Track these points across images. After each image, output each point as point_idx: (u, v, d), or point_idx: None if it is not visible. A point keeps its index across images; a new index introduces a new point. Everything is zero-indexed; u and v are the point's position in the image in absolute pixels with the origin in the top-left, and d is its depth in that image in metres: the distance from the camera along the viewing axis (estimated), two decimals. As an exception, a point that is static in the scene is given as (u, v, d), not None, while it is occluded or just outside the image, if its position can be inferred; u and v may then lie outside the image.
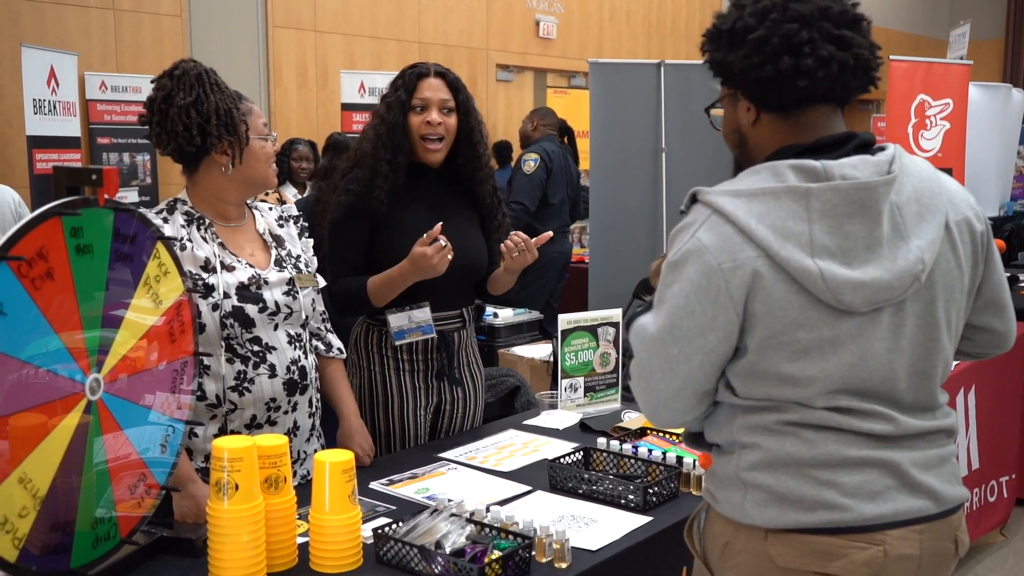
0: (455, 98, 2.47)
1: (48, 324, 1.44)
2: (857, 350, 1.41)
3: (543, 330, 5.08)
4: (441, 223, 2.29)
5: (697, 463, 2.09)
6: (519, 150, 6.44)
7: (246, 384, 2.06)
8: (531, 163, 5.74)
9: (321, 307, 2.34)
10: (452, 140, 2.49)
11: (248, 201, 2.23)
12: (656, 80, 6.07)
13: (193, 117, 1.99)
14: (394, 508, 1.99)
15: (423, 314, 2.46)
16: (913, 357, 1.46)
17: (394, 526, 1.75)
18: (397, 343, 2.45)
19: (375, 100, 8.34)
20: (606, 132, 6.00)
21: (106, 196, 1.58)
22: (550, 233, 2.49)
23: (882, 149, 1.46)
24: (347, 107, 7.19)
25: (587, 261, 6.25)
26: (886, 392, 1.45)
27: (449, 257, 2.28)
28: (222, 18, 6.84)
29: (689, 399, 1.48)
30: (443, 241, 2.26)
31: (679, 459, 2.12)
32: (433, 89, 2.45)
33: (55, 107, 5.55)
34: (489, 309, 4.89)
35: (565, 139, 6.41)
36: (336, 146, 4.68)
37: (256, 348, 2.08)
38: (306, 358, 2.18)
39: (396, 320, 2.44)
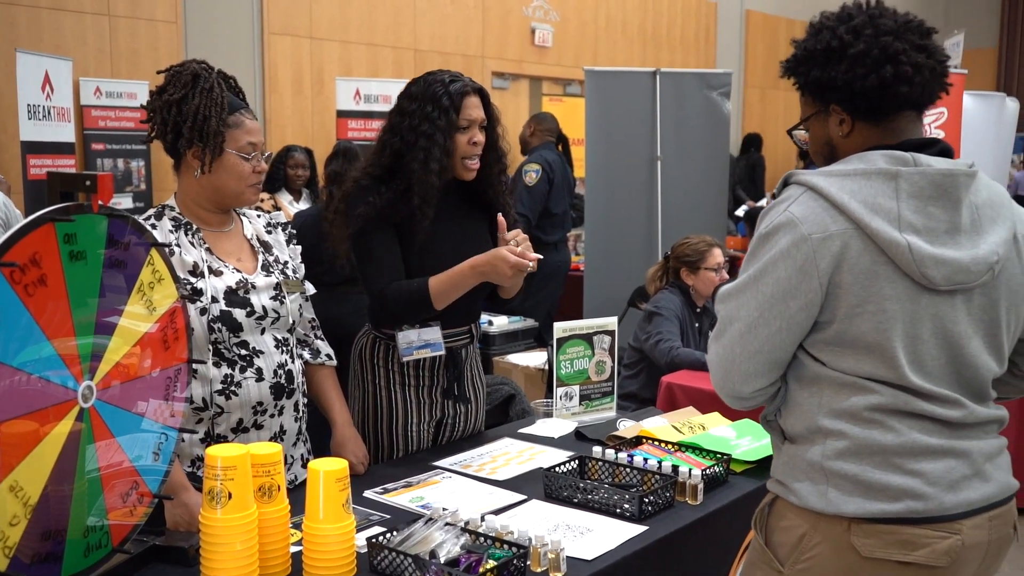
0: (486, 113, 2.43)
1: (41, 331, 1.43)
2: (935, 328, 1.50)
3: (540, 338, 5.08)
4: (541, 256, 2.27)
5: (692, 471, 2.09)
6: (517, 156, 6.42)
7: (233, 388, 2.06)
8: (533, 174, 5.70)
9: (310, 314, 2.33)
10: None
11: (237, 208, 2.22)
12: (651, 88, 6.08)
13: (172, 114, 2.03)
14: (388, 517, 1.98)
15: (433, 333, 2.40)
16: (975, 347, 1.54)
17: (388, 535, 1.74)
18: (405, 359, 2.40)
19: (371, 107, 8.29)
20: (601, 140, 6.00)
21: (100, 202, 1.57)
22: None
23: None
24: (343, 114, 7.18)
25: (582, 269, 6.25)
26: (953, 375, 1.53)
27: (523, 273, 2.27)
28: (218, 24, 6.84)
29: (762, 364, 1.56)
30: (532, 266, 2.24)
31: (675, 468, 2.11)
32: (476, 108, 2.38)
33: (49, 113, 5.53)
34: (484, 316, 4.87)
35: (560, 147, 6.40)
36: (346, 153, 4.66)
37: (243, 352, 2.08)
38: (293, 362, 2.18)
39: (405, 337, 2.38)
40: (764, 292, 1.52)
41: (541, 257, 2.29)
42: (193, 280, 2.03)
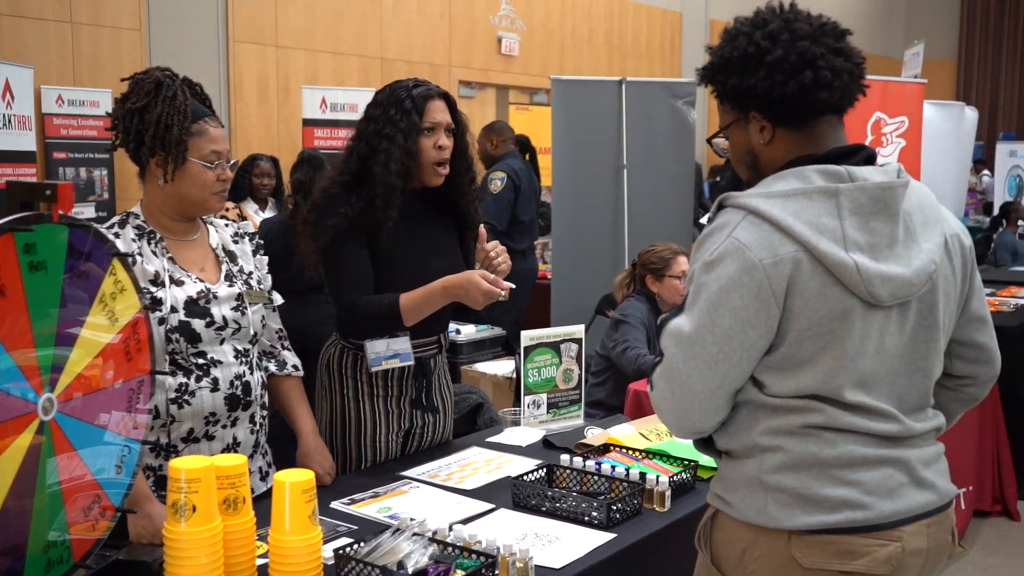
0: (453, 119, 2.43)
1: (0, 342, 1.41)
2: (878, 342, 1.49)
3: (507, 346, 5.07)
4: (513, 285, 2.27)
5: (660, 478, 2.09)
6: (481, 170, 6.42)
7: (187, 397, 2.05)
8: (498, 182, 5.70)
9: (276, 324, 2.31)
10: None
11: (204, 217, 2.20)
12: (617, 97, 6.11)
13: (135, 123, 2.02)
14: (356, 528, 1.97)
15: (402, 343, 2.39)
16: (915, 355, 1.54)
17: (356, 546, 1.73)
18: (373, 370, 2.38)
19: (336, 115, 8.26)
20: (568, 148, 6.02)
21: (61, 212, 1.55)
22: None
23: (884, 164, 1.57)
24: (309, 123, 7.15)
25: (549, 277, 6.26)
26: (891, 388, 1.53)
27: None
28: (182, 32, 6.78)
29: (722, 398, 1.52)
30: (504, 295, 2.24)
31: (642, 475, 2.12)
32: (440, 111, 2.38)
33: (10, 121, 5.45)
34: (452, 325, 4.86)
35: (527, 155, 6.41)
36: (311, 160, 4.63)
37: (200, 362, 2.07)
38: (251, 374, 2.16)
39: (373, 347, 2.37)
40: (722, 325, 1.47)
41: (513, 287, 2.28)
42: (154, 290, 2.01)
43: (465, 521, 1.98)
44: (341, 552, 1.70)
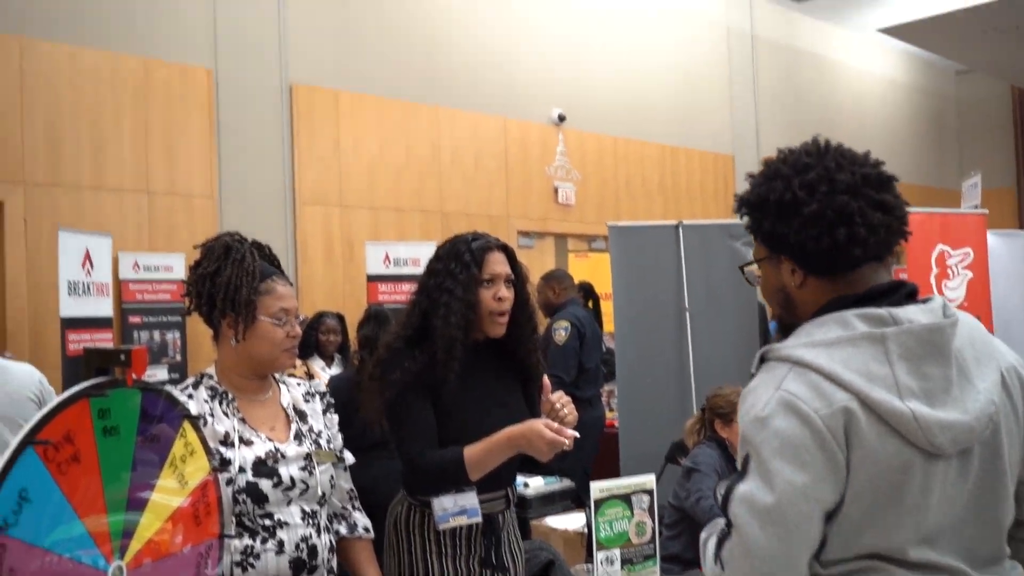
0: (513, 270, 2.46)
1: (72, 509, 1.42)
2: (942, 494, 1.39)
3: (577, 499, 4.95)
4: (577, 434, 2.23)
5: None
6: (541, 320, 6.47)
7: (251, 559, 2.02)
8: (562, 332, 5.70)
9: (348, 484, 2.29)
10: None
11: (276, 375, 2.23)
12: (675, 240, 6.16)
13: (207, 287, 2.09)
14: None
15: (470, 499, 2.34)
16: (982, 504, 1.43)
17: None
18: (441, 527, 2.33)
19: (400, 270, 8.44)
20: (629, 294, 6.04)
21: (134, 376, 1.58)
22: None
23: (927, 300, 1.49)
24: (373, 278, 7.31)
25: (616, 425, 6.16)
26: (959, 542, 1.41)
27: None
28: (252, 197, 7.09)
29: (804, 565, 1.40)
30: (568, 444, 2.20)
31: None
32: (499, 263, 2.41)
33: (89, 288, 5.68)
34: (520, 478, 4.77)
35: (590, 302, 6.42)
36: (377, 316, 4.71)
37: (267, 523, 2.05)
38: (319, 536, 2.13)
39: (441, 503, 2.32)
40: (796, 485, 1.36)
41: (578, 435, 2.24)
42: (223, 450, 2.02)
43: None
44: None
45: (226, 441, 2.04)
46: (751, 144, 11.50)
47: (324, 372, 5.89)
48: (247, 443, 2.07)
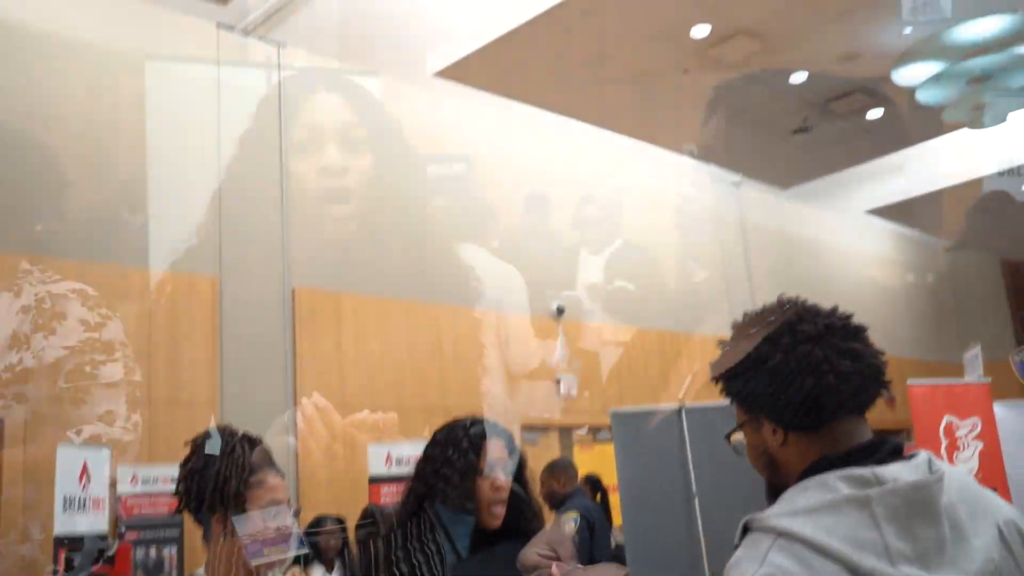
0: (510, 456, 2.42)
1: None
2: None
3: None
4: None
5: None
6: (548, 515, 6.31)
7: None
8: (571, 523, 5.57)
9: None
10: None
11: (270, 578, 2.15)
12: (678, 424, 6.10)
13: (195, 482, 2.05)
14: None
15: None
16: None
17: None
18: None
19: (402, 470, 8.28)
20: (634, 481, 5.91)
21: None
22: None
23: (911, 456, 1.45)
24: (375, 480, 7.17)
25: (632, 620, 5.88)
26: None
27: None
28: (251, 398, 7.07)
29: None
30: None
31: None
32: (498, 450, 2.39)
33: (84, 504, 5.55)
34: None
35: (598, 496, 6.29)
36: (374, 516, 4.61)
37: None
38: None
39: None
40: None
41: None
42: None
43: None
44: None
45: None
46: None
47: (327, 581, 5.69)
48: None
